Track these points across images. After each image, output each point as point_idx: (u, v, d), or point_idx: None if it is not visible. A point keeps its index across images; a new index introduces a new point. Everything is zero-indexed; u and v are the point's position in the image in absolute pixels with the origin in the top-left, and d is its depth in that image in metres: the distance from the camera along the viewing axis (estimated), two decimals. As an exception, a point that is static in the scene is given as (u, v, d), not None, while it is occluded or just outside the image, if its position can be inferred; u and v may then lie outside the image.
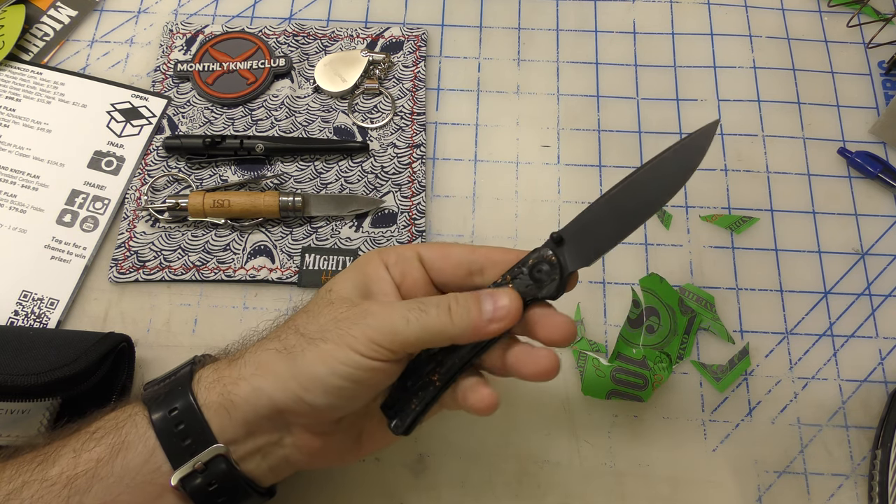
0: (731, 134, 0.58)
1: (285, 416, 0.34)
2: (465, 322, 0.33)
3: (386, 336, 0.32)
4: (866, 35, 0.63)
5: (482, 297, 0.34)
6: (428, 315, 0.33)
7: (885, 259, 0.54)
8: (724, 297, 0.53)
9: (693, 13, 0.63)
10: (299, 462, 0.36)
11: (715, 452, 0.48)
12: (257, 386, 0.33)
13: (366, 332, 0.32)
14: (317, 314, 0.34)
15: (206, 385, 0.34)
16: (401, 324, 0.32)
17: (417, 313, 0.33)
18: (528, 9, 0.63)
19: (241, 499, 0.35)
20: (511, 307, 0.34)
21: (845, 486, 0.47)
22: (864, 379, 0.51)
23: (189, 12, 0.62)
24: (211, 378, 0.34)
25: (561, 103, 0.59)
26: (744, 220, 0.55)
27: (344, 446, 0.37)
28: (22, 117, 0.57)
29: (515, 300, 0.34)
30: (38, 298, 0.50)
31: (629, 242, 0.54)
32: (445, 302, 0.33)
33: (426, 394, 0.35)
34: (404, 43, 0.61)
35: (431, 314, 0.33)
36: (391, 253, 0.37)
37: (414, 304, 0.33)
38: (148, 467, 0.32)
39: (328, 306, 0.34)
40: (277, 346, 0.34)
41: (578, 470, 0.47)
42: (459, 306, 0.33)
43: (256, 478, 0.35)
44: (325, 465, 0.38)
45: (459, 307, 0.33)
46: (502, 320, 0.33)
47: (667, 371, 0.48)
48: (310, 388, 0.32)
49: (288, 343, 0.34)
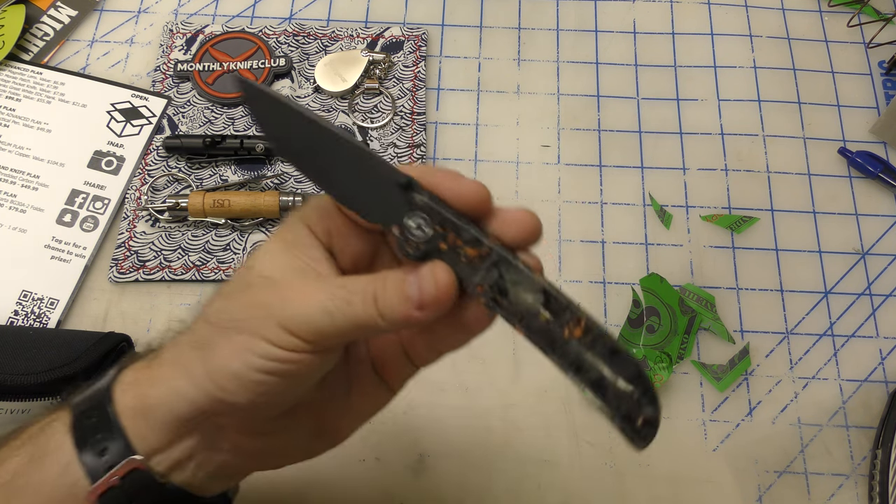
0: (731, 134, 0.58)
1: (211, 418, 0.30)
2: (394, 313, 0.28)
3: (305, 328, 0.28)
4: (866, 35, 0.63)
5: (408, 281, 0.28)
6: (352, 307, 0.28)
7: (885, 259, 0.54)
8: (725, 297, 0.53)
9: (693, 13, 0.63)
10: (243, 466, 0.33)
11: (715, 452, 0.48)
12: (174, 387, 0.29)
13: (283, 322, 0.28)
14: (232, 299, 0.30)
15: (122, 389, 0.30)
16: (322, 317, 0.28)
17: (341, 304, 0.28)
18: (528, 9, 0.63)
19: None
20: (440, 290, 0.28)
21: (845, 485, 0.47)
22: (865, 379, 0.50)
23: (189, 12, 0.62)
24: (128, 380, 0.30)
25: (561, 103, 0.59)
26: (744, 220, 0.55)
27: (297, 443, 0.33)
28: (22, 117, 0.57)
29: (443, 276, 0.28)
30: (38, 298, 0.50)
31: (629, 242, 0.54)
32: (372, 288, 0.28)
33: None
34: (404, 43, 0.61)
35: (356, 306, 0.28)
36: (310, 210, 0.31)
37: (339, 290, 0.28)
38: (64, 480, 0.29)
39: (246, 289, 0.30)
40: (191, 340, 0.30)
41: (578, 470, 0.47)
42: (387, 295, 0.28)
43: (194, 487, 0.31)
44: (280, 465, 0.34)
45: (387, 296, 0.28)
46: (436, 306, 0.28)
47: (667, 371, 0.48)
48: (226, 387, 0.28)
49: (200, 335, 0.29)
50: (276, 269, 0.30)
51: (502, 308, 0.27)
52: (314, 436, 0.33)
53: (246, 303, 0.29)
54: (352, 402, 0.33)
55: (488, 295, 0.27)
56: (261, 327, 0.28)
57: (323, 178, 0.30)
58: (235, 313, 0.29)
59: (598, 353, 0.26)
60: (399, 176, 0.28)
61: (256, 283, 0.30)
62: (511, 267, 0.27)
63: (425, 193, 0.28)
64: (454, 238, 0.28)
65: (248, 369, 0.28)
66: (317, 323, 0.28)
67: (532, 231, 0.28)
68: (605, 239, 0.54)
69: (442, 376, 0.49)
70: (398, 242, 0.29)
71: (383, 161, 0.29)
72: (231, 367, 0.28)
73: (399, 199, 0.28)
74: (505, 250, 0.27)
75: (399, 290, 0.28)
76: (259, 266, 0.30)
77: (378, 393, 0.33)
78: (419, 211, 0.28)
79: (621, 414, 0.27)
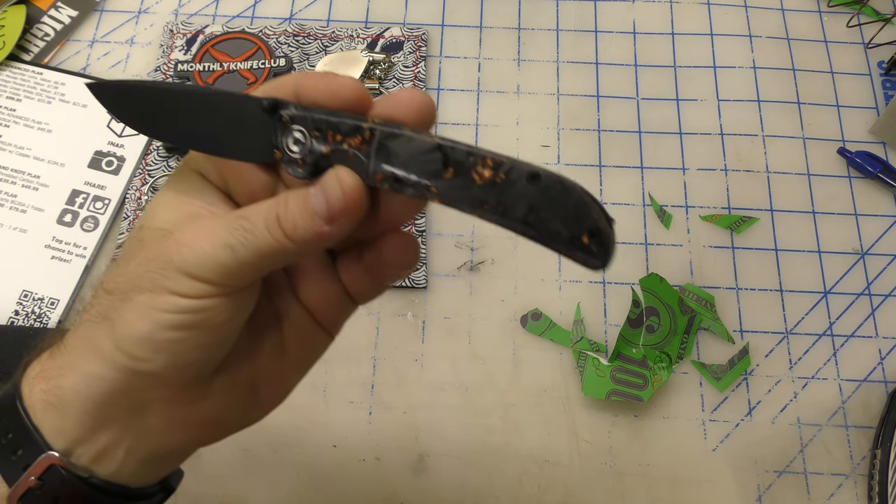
0: (731, 134, 0.58)
1: (132, 395, 0.27)
2: (303, 232, 0.26)
3: (209, 269, 0.26)
4: (866, 35, 0.63)
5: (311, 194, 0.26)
6: (256, 236, 0.26)
7: (885, 259, 0.54)
8: (724, 297, 0.53)
9: (693, 13, 0.63)
10: (180, 444, 0.30)
11: (715, 452, 0.48)
12: (83, 371, 0.27)
13: (184, 268, 0.26)
14: (127, 261, 0.27)
15: (29, 384, 0.28)
16: (224, 254, 0.26)
17: (243, 235, 0.26)
18: (528, 9, 0.63)
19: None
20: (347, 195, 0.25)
21: (845, 485, 0.47)
22: (864, 379, 0.51)
23: (189, 12, 0.62)
24: (34, 374, 0.28)
25: (561, 103, 0.59)
26: (744, 220, 0.55)
27: (234, 407, 0.30)
28: (22, 117, 0.57)
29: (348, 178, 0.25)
30: (38, 298, 0.50)
31: (629, 242, 0.54)
32: (273, 211, 0.26)
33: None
34: (404, 43, 0.61)
35: (260, 234, 0.26)
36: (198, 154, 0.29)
37: (239, 220, 0.26)
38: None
39: (140, 248, 0.27)
40: (93, 316, 0.27)
41: (578, 470, 0.47)
42: (289, 213, 0.26)
43: (128, 477, 0.29)
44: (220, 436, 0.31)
45: (290, 215, 0.26)
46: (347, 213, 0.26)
47: (667, 371, 0.49)
48: (138, 355, 0.26)
49: (101, 308, 0.27)
50: (169, 219, 0.28)
51: (407, 184, 0.25)
52: (252, 396, 0.30)
53: (142, 260, 0.27)
54: (287, 352, 0.30)
55: (389, 178, 0.25)
56: (161, 280, 0.26)
57: (198, 140, 0.28)
58: (132, 274, 0.27)
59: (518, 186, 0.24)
60: (261, 102, 0.26)
61: (150, 238, 0.27)
62: (397, 137, 0.25)
63: (291, 106, 0.26)
64: (333, 136, 0.25)
65: (158, 328, 0.26)
66: (220, 261, 0.26)
67: (421, 108, 0.26)
68: (604, 239, 0.54)
69: (442, 376, 0.50)
70: (285, 168, 0.26)
71: (244, 95, 0.27)
72: (139, 331, 0.26)
73: (270, 125, 0.26)
74: (387, 125, 0.25)
75: (304, 206, 0.26)
76: (150, 221, 0.28)
77: (315, 339, 0.31)
78: (293, 126, 0.26)
79: (563, 238, 0.23)
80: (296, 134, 0.26)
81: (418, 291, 0.52)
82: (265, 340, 0.30)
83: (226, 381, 0.29)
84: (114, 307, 0.27)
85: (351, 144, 0.25)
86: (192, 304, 0.26)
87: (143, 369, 0.26)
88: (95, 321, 0.27)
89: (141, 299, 0.26)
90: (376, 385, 0.49)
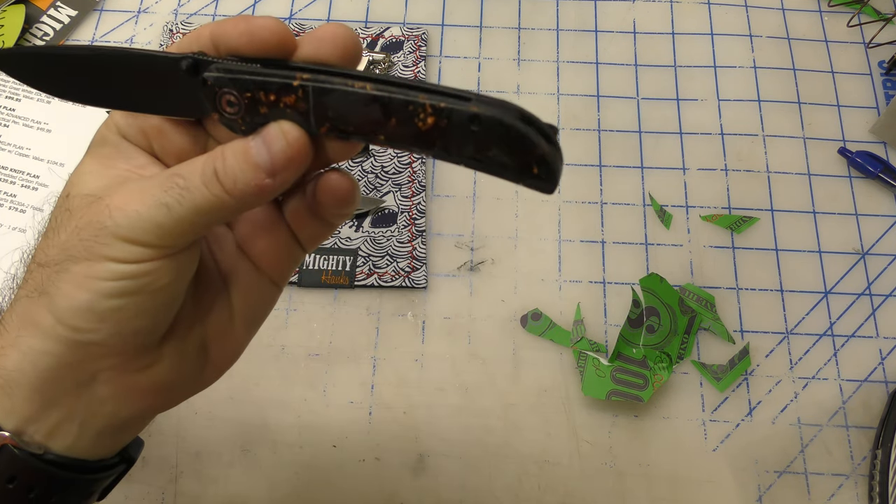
0: (731, 134, 0.58)
1: (78, 368, 0.27)
2: (244, 187, 0.25)
3: (145, 231, 0.25)
4: (866, 35, 0.63)
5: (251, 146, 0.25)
6: (193, 192, 0.25)
7: (885, 259, 0.54)
8: (725, 297, 0.53)
9: (693, 13, 0.63)
10: (132, 412, 0.29)
11: (715, 452, 0.48)
12: (25, 348, 0.26)
13: (118, 233, 0.25)
14: (56, 231, 0.26)
15: None
16: (160, 213, 0.25)
17: (179, 193, 0.25)
18: (528, 9, 0.63)
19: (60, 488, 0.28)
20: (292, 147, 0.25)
21: (845, 486, 0.47)
22: (865, 379, 0.50)
23: (189, 12, 0.62)
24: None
25: (561, 103, 0.59)
26: (744, 220, 0.55)
27: (187, 370, 0.29)
28: (22, 117, 0.57)
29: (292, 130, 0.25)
30: (38, 298, 0.50)
31: (629, 242, 0.54)
32: (210, 165, 0.25)
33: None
34: (404, 43, 0.61)
35: (197, 190, 0.25)
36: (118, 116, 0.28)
37: (173, 178, 0.25)
38: None
39: (68, 217, 0.26)
40: (28, 291, 0.27)
41: (578, 470, 0.47)
42: (228, 167, 0.25)
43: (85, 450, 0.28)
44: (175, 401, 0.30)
45: (228, 168, 0.25)
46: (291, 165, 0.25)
47: (667, 371, 0.48)
48: (81, 326, 0.25)
49: (35, 282, 0.26)
50: (97, 186, 0.27)
51: (353, 134, 0.25)
52: (203, 357, 0.30)
53: (73, 229, 0.26)
54: (236, 310, 0.30)
55: (334, 129, 0.25)
56: (96, 248, 0.25)
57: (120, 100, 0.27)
58: (65, 244, 0.26)
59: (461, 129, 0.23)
60: (179, 63, 0.25)
61: (78, 206, 0.26)
62: (331, 92, 0.24)
63: (213, 66, 0.25)
64: (266, 95, 0.24)
65: (99, 297, 0.25)
66: (156, 221, 0.25)
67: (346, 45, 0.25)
68: (604, 239, 0.54)
69: (442, 376, 0.49)
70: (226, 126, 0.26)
71: (162, 55, 0.26)
72: (79, 301, 0.25)
73: (195, 83, 0.25)
74: (319, 77, 0.24)
75: (244, 159, 0.25)
76: (76, 189, 0.27)
77: (264, 293, 0.30)
78: (223, 90, 0.25)
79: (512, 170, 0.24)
80: (227, 96, 0.25)
81: (418, 291, 0.52)
82: (212, 300, 0.29)
83: (175, 345, 0.28)
84: (49, 280, 0.26)
85: (287, 104, 0.24)
86: (130, 269, 0.25)
87: (87, 340, 0.26)
88: (31, 296, 0.26)
89: (77, 269, 0.25)
90: (376, 385, 0.49)
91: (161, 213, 0.24)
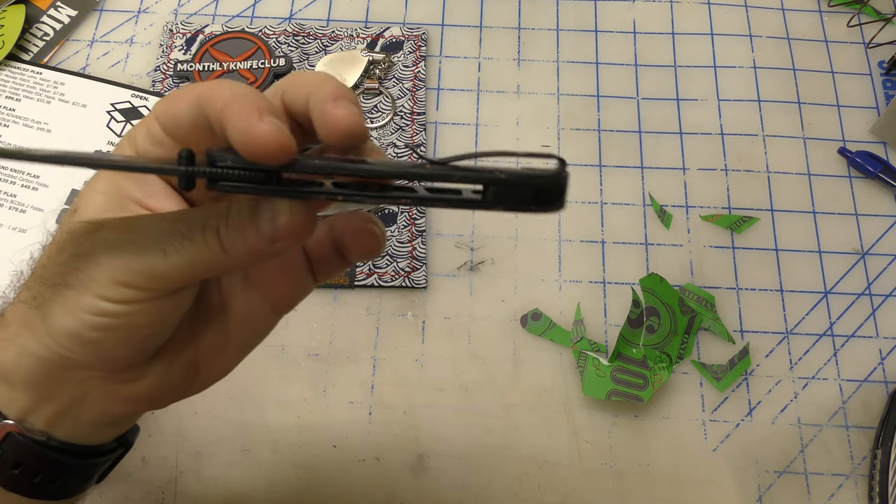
0: (731, 134, 0.58)
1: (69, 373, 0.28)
2: (242, 249, 0.25)
3: (137, 275, 0.25)
4: (866, 35, 0.63)
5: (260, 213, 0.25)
6: (193, 244, 0.25)
7: (885, 259, 0.54)
8: (725, 297, 0.53)
9: (693, 13, 0.63)
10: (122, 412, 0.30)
11: (715, 452, 0.48)
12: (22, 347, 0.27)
13: (110, 272, 0.25)
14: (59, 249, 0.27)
15: None
16: (156, 258, 0.25)
17: (179, 242, 0.25)
18: (528, 9, 0.63)
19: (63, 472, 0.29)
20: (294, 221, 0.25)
21: (845, 486, 0.47)
22: (865, 379, 0.51)
23: (189, 12, 0.62)
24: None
25: (561, 103, 0.59)
26: (744, 220, 0.55)
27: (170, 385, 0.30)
28: (22, 117, 0.57)
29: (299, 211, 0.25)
30: (37, 298, 0.50)
31: (629, 242, 0.54)
32: (214, 223, 0.25)
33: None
34: (404, 43, 0.61)
35: (197, 243, 0.25)
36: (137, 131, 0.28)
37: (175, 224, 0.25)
38: None
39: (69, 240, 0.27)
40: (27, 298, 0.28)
41: (578, 470, 0.47)
42: (231, 228, 0.25)
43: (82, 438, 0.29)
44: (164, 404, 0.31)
45: (231, 230, 0.25)
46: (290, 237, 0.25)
47: (667, 371, 0.48)
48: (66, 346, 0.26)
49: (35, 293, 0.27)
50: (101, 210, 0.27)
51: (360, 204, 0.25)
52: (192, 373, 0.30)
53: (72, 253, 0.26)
54: (231, 336, 0.30)
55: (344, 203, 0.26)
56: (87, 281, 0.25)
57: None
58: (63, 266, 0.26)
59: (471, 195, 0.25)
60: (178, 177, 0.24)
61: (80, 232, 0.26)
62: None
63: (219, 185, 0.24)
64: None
65: (83, 327, 0.25)
66: (150, 264, 0.25)
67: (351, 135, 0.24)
68: (604, 239, 0.54)
69: (442, 376, 0.49)
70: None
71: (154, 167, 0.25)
72: (66, 326, 0.26)
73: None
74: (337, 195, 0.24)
75: (249, 223, 0.25)
76: (83, 209, 0.27)
77: (263, 320, 0.30)
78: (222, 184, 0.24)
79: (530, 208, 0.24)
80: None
81: (418, 291, 0.52)
82: (208, 325, 0.30)
83: (163, 364, 0.29)
84: (45, 297, 0.26)
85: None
86: (113, 308, 0.25)
87: (70, 357, 0.26)
88: (30, 305, 0.27)
89: (69, 294, 0.26)
90: (376, 385, 0.49)
91: (156, 258, 0.25)
